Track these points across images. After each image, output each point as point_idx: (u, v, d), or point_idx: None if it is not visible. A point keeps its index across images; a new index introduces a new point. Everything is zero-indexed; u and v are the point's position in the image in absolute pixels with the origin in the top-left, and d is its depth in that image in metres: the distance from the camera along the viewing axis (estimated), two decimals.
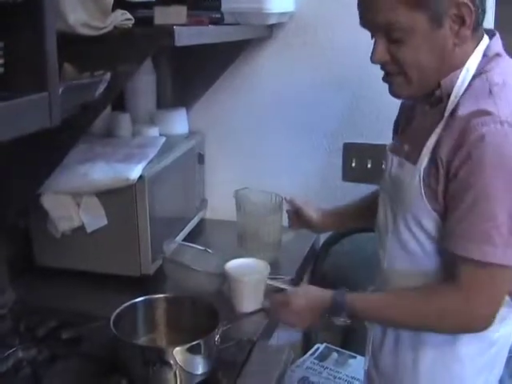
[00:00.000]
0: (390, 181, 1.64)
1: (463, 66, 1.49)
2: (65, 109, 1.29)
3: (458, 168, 1.40)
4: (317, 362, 2.53)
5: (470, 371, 1.59)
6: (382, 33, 1.47)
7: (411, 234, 1.55)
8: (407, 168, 1.55)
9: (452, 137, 1.42)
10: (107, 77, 1.54)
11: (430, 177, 1.47)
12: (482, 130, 1.37)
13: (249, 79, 2.62)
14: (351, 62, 2.41)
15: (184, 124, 2.58)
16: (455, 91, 1.48)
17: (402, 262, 1.61)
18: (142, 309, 1.75)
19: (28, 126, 1.15)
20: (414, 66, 1.47)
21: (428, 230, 1.52)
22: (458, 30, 1.44)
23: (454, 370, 1.60)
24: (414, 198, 1.51)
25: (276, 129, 2.62)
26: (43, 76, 1.16)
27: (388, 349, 1.69)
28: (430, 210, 1.49)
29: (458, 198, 1.41)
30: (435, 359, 1.60)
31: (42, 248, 2.17)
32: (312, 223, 2.07)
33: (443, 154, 1.43)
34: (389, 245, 1.63)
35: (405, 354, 1.65)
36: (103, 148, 2.18)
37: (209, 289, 1.95)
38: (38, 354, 1.72)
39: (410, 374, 1.64)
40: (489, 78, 1.46)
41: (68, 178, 1.99)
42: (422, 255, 1.55)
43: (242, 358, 1.71)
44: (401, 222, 1.58)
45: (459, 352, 1.57)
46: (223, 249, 2.24)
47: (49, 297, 2.03)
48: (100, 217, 2.04)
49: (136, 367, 1.56)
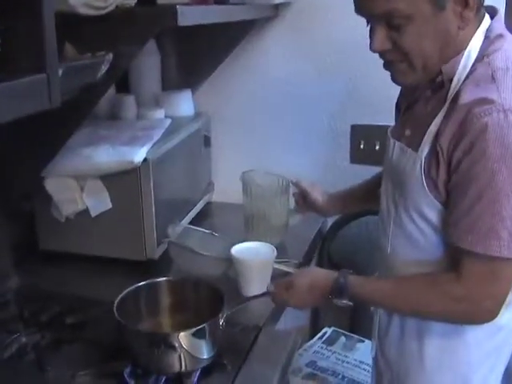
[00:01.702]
0: (392, 167, 1.61)
1: (465, 50, 1.44)
2: (65, 90, 1.26)
3: (460, 159, 1.36)
4: (325, 346, 2.52)
5: (477, 356, 1.57)
6: (382, 21, 1.41)
7: (412, 221, 1.53)
8: (408, 154, 1.52)
9: (453, 125, 1.38)
10: (109, 58, 1.52)
11: (431, 166, 1.44)
12: (485, 119, 1.32)
13: (255, 60, 2.59)
14: (359, 41, 2.36)
15: (190, 106, 2.55)
16: (457, 76, 1.44)
17: (404, 249, 1.59)
18: (146, 292, 1.73)
19: (27, 107, 1.13)
20: (418, 52, 1.42)
21: (429, 219, 1.49)
22: (462, 12, 1.39)
23: (460, 355, 1.58)
24: (415, 186, 1.48)
25: (282, 110, 2.59)
26: (42, 57, 1.13)
27: (393, 335, 1.67)
28: (431, 198, 1.46)
29: (462, 190, 1.38)
30: (441, 345, 1.58)
31: (46, 232, 2.16)
32: (318, 206, 2.06)
33: (443, 142, 1.39)
34: (391, 232, 1.61)
35: (410, 340, 1.63)
36: (108, 130, 2.16)
37: (215, 273, 1.94)
38: (41, 339, 1.73)
39: (416, 360, 1.62)
40: (491, 63, 1.41)
41: (72, 160, 1.97)
42: (424, 243, 1.53)
43: (247, 343, 1.70)
44: (402, 209, 1.55)
45: (465, 337, 1.55)
46: (230, 232, 2.23)
47: (53, 281, 2.03)
48: (104, 200, 2.02)
49: (141, 352, 1.55)
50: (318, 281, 1.62)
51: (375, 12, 1.40)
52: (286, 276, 1.99)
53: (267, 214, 2.22)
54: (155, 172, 2.00)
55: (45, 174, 1.98)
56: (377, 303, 1.64)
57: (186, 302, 1.74)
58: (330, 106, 2.54)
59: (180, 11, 1.54)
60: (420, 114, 1.55)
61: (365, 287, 1.57)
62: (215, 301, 1.63)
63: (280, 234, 2.24)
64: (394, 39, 1.42)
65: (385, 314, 1.70)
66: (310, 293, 1.61)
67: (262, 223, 2.22)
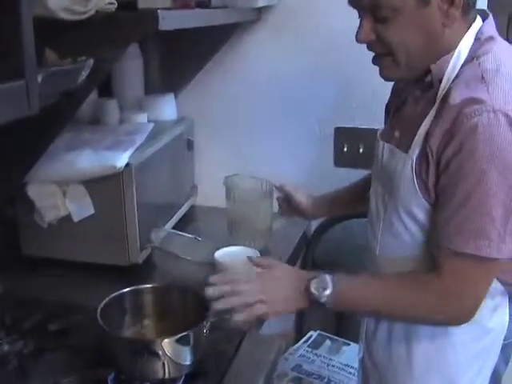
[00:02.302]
0: (382, 169, 1.61)
1: (454, 50, 1.44)
2: (45, 96, 1.25)
3: (449, 159, 1.36)
4: (310, 349, 2.52)
5: (464, 359, 1.58)
6: (369, 11, 1.43)
7: (402, 223, 1.52)
8: (398, 156, 1.52)
9: (443, 126, 1.38)
10: (90, 63, 1.50)
11: (421, 167, 1.44)
12: (475, 119, 1.32)
13: (238, 64, 2.59)
14: (342, 45, 2.37)
15: (172, 110, 2.54)
16: (446, 76, 1.44)
17: (393, 250, 1.58)
18: (130, 299, 1.71)
19: (5, 114, 1.11)
20: (401, 46, 1.43)
21: (420, 220, 1.49)
22: (447, 10, 1.39)
23: (447, 359, 1.58)
24: (405, 187, 1.48)
25: (266, 114, 2.59)
26: (20, 63, 1.12)
27: (381, 339, 1.67)
28: (422, 200, 1.45)
29: (451, 191, 1.38)
30: (428, 348, 1.58)
31: (29, 238, 2.14)
32: (302, 210, 2.06)
33: (433, 143, 1.39)
34: (380, 233, 1.61)
35: (398, 343, 1.63)
36: (90, 135, 2.15)
37: (198, 277, 1.92)
38: (24, 346, 1.70)
39: (403, 363, 1.62)
40: (481, 64, 1.41)
41: (54, 166, 1.95)
42: (414, 244, 1.52)
43: (231, 349, 1.69)
44: (392, 211, 1.55)
45: (452, 340, 1.55)
46: (214, 236, 2.22)
47: (36, 288, 2.01)
48: (87, 205, 2.01)
49: (124, 359, 1.54)
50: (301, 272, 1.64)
51: (363, 3, 1.42)
52: None
53: (251, 217, 2.21)
54: (138, 177, 1.99)
55: (27, 180, 1.97)
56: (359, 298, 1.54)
57: (170, 308, 1.73)
58: (314, 109, 2.54)
59: (161, 16, 1.53)
60: (409, 114, 1.55)
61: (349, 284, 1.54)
62: (200, 308, 1.61)
63: (264, 238, 2.24)
64: (379, 31, 1.43)
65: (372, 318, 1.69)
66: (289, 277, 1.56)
67: (245, 227, 2.22)
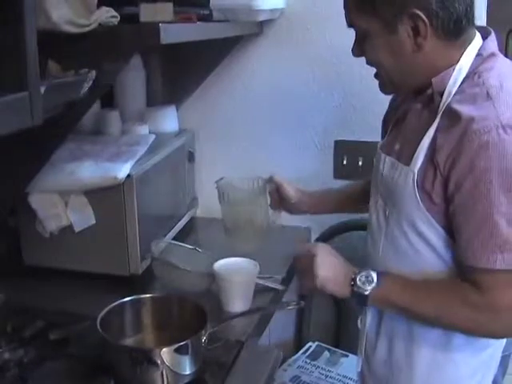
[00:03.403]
0: (382, 181, 1.61)
1: (455, 65, 1.46)
2: (48, 108, 1.27)
3: (461, 178, 1.37)
4: (309, 360, 2.53)
5: (465, 373, 1.58)
6: (355, 31, 1.52)
7: (405, 237, 1.53)
8: (400, 169, 1.52)
9: (450, 141, 1.38)
10: (92, 75, 1.53)
11: (425, 179, 1.44)
12: (484, 137, 1.33)
13: (239, 76, 2.61)
14: (342, 59, 2.40)
15: (174, 122, 2.55)
16: (447, 91, 1.45)
17: (395, 263, 1.58)
18: (130, 309, 1.73)
19: (9, 125, 1.13)
20: (378, 65, 1.52)
21: (423, 233, 1.49)
22: (415, 39, 1.43)
23: (448, 372, 1.58)
24: (407, 200, 1.49)
25: (267, 127, 2.61)
26: (23, 75, 1.13)
27: (381, 352, 1.67)
28: (424, 212, 1.46)
29: (468, 210, 1.38)
30: (430, 363, 1.58)
31: (31, 247, 2.15)
32: (290, 199, 2.07)
33: (440, 158, 1.40)
34: (382, 246, 1.61)
35: (399, 357, 1.63)
36: (92, 146, 2.16)
37: (198, 289, 1.94)
38: (24, 355, 1.70)
39: (404, 377, 1.62)
40: (485, 82, 1.42)
41: (55, 176, 1.97)
42: (417, 258, 1.53)
43: (229, 359, 1.69)
44: (394, 224, 1.55)
45: (453, 355, 1.56)
46: (214, 247, 2.22)
47: (37, 297, 2.02)
48: (88, 216, 2.02)
49: (123, 368, 1.55)
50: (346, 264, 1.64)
51: (347, 22, 1.52)
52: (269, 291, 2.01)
53: (248, 217, 2.20)
54: (139, 188, 2.01)
55: (29, 190, 1.98)
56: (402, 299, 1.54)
57: (169, 318, 1.74)
58: (315, 121, 2.56)
59: (163, 29, 1.55)
60: (410, 128, 1.56)
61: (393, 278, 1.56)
62: (198, 318, 1.63)
63: (263, 236, 2.22)
64: (363, 49, 1.52)
65: (372, 332, 1.69)
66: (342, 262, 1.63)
67: (243, 227, 2.21)
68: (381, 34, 1.44)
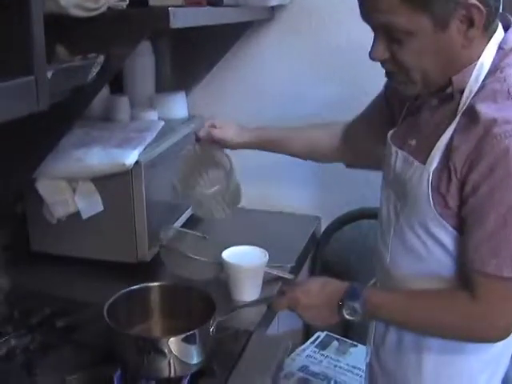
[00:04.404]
0: (395, 177, 1.56)
1: (476, 61, 1.39)
2: (56, 92, 1.26)
3: (478, 182, 1.31)
4: (317, 350, 2.51)
5: (476, 367, 1.55)
6: (382, 31, 1.37)
7: (415, 235, 1.49)
8: (414, 167, 1.47)
9: (468, 143, 1.33)
10: (100, 60, 1.51)
11: (440, 182, 1.39)
12: (506, 142, 1.27)
13: (250, 62, 2.59)
14: (356, 46, 2.35)
15: (183, 108, 2.54)
16: (468, 88, 1.39)
17: (405, 261, 1.55)
18: (137, 297, 1.72)
19: (15, 110, 1.12)
20: (417, 68, 1.38)
21: (434, 234, 1.45)
22: (466, 32, 1.34)
23: (458, 367, 1.55)
24: (420, 199, 1.44)
25: (277, 113, 2.58)
26: (29, 60, 1.12)
27: (391, 345, 1.64)
28: (436, 215, 1.41)
29: (482, 215, 1.33)
30: (440, 355, 1.55)
31: (38, 234, 2.14)
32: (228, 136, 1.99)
33: (457, 160, 1.35)
34: (391, 242, 1.57)
35: (408, 350, 1.60)
36: (100, 132, 2.14)
37: (206, 277, 1.92)
38: (31, 342, 1.71)
39: (414, 370, 1.59)
40: (507, 78, 1.36)
41: (63, 162, 1.95)
42: (427, 256, 1.48)
43: (238, 349, 1.68)
44: (404, 221, 1.51)
45: (464, 348, 1.52)
46: (223, 235, 2.21)
47: (44, 283, 2.01)
48: (96, 203, 2.01)
49: (130, 357, 1.54)
50: (331, 283, 1.58)
51: (375, 23, 1.38)
52: (278, 280, 2.00)
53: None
54: (147, 174, 1.99)
55: (36, 176, 1.97)
56: (390, 314, 1.53)
57: (177, 307, 1.72)
58: (326, 108, 2.53)
59: (172, 13, 1.53)
60: (425, 123, 1.50)
61: (379, 294, 1.54)
62: (207, 307, 1.62)
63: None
64: (394, 51, 1.38)
65: (381, 323, 1.67)
66: (321, 293, 1.55)
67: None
68: (428, 33, 1.33)
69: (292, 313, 1.58)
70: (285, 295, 1.60)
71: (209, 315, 1.58)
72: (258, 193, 2.65)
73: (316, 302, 1.55)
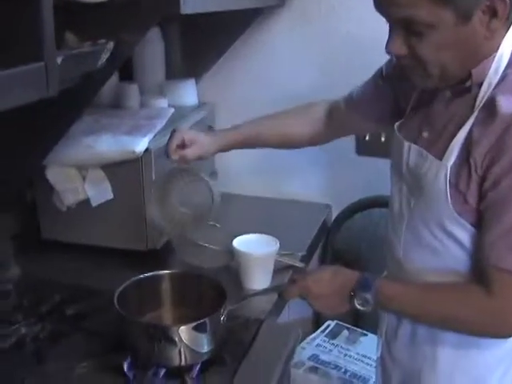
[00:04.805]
0: (408, 171, 1.53)
1: (495, 52, 1.35)
2: (65, 78, 1.25)
3: (500, 176, 1.29)
4: (327, 339, 2.51)
5: (491, 359, 1.53)
6: (401, 25, 1.33)
7: (431, 233, 1.46)
8: (430, 161, 1.43)
9: (489, 137, 1.30)
10: (110, 46, 1.49)
11: (459, 178, 1.36)
12: None
13: (260, 49, 2.56)
14: (369, 33, 2.33)
15: (193, 95, 2.53)
16: (487, 81, 1.35)
17: (418, 255, 1.53)
18: (148, 285, 1.71)
19: (25, 96, 1.12)
20: (435, 62, 1.34)
21: (451, 232, 1.42)
22: (489, 23, 1.30)
23: (474, 359, 1.53)
24: (436, 198, 1.41)
25: (287, 101, 2.55)
26: (39, 45, 1.12)
27: (404, 338, 1.63)
28: (454, 213, 1.39)
29: (502, 210, 1.31)
30: (455, 348, 1.53)
31: (48, 221, 2.14)
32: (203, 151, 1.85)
33: (478, 155, 1.32)
34: (404, 237, 1.55)
35: (422, 343, 1.58)
36: (110, 119, 2.14)
37: (216, 265, 1.92)
38: (41, 330, 1.71)
39: (428, 363, 1.58)
40: None
41: (73, 150, 1.95)
42: (443, 252, 1.46)
43: (248, 337, 1.67)
44: (419, 219, 1.49)
45: (479, 342, 1.50)
46: (233, 223, 2.21)
47: (54, 271, 2.01)
48: (105, 190, 2.00)
49: (140, 345, 1.53)
50: (343, 272, 1.55)
51: (395, 16, 1.33)
52: (288, 269, 1.98)
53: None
54: (157, 162, 1.98)
55: (46, 163, 1.97)
56: (402, 306, 1.50)
57: (187, 295, 1.72)
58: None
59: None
60: (439, 116, 1.46)
61: (392, 286, 1.50)
62: (218, 295, 1.61)
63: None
64: (412, 45, 1.34)
65: (393, 316, 1.65)
66: (332, 282, 1.53)
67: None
68: (450, 26, 1.28)
69: (302, 301, 1.57)
70: (296, 284, 1.59)
71: (219, 303, 1.57)
72: (268, 181, 2.65)
73: (327, 291, 1.53)
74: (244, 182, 2.52)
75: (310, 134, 1.93)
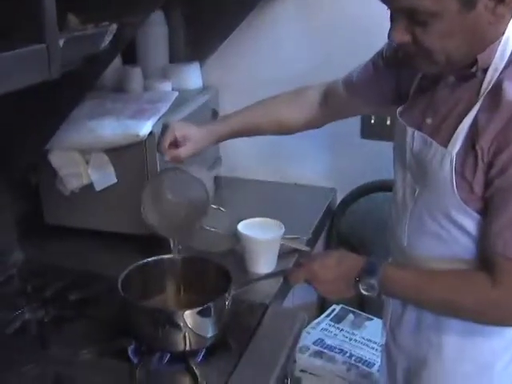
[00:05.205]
0: (412, 158, 1.51)
1: (501, 37, 1.33)
2: (67, 61, 1.23)
3: (506, 163, 1.27)
4: (332, 323, 2.51)
5: (498, 345, 1.52)
6: (404, 14, 1.31)
7: (436, 222, 1.45)
8: (435, 149, 1.41)
9: (496, 123, 1.28)
10: (113, 28, 1.47)
11: (465, 166, 1.34)
12: None
13: (265, 32, 2.54)
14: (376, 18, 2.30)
15: (197, 78, 2.51)
16: (493, 66, 1.33)
17: (423, 243, 1.51)
18: (152, 269, 1.70)
19: (26, 78, 1.11)
20: (440, 50, 1.32)
21: (457, 221, 1.41)
22: (495, 8, 1.27)
23: (481, 345, 1.52)
24: (441, 185, 1.40)
25: (293, 84, 2.54)
26: (41, 27, 1.10)
27: (408, 324, 1.62)
28: (460, 202, 1.37)
29: (509, 197, 1.29)
30: (462, 334, 1.52)
31: (52, 206, 2.14)
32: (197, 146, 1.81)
33: (484, 142, 1.30)
34: (408, 225, 1.54)
35: (428, 330, 1.58)
36: (113, 103, 2.12)
37: (221, 249, 1.92)
38: (45, 315, 1.70)
39: (434, 350, 1.57)
40: None
41: (76, 134, 1.93)
42: (448, 240, 1.45)
43: (254, 322, 1.67)
44: (424, 208, 1.48)
45: (485, 328, 1.49)
46: (238, 207, 2.20)
47: (58, 256, 2.01)
48: (109, 174, 1.99)
49: (144, 330, 1.53)
50: (349, 257, 1.55)
51: (398, 5, 1.31)
52: (293, 253, 1.97)
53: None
54: None
55: (49, 148, 1.96)
56: (406, 291, 1.49)
57: (192, 279, 1.71)
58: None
59: None
60: (443, 102, 1.44)
61: (397, 271, 1.48)
62: (222, 280, 1.60)
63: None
64: (416, 33, 1.32)
65: (398, 303, 1.65)
66: (338, 267, 1.51)
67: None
68: (454, 14, 1.26)
69: (307, 286, 1.56)
70: (301, 268, 1.58)
71: (224, 288, 1.56)
72: (273, 165, 2.63)
73: (333, 276, 1.52)
74: (249, 167, 2.51)
75: (305, 119, 1.90)
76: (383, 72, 1.71)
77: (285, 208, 2.28)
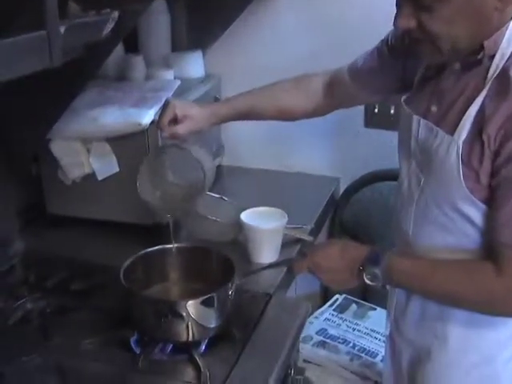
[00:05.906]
0: (418, 147, 1.49)
1: (508, 23, 1.31)
2: (69, 49, 1.22)
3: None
4: (336, 313, 2.50)
5: (504, 335, 1.51)
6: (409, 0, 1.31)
7: (442, 212, 1.43)
8: (440, 137, 1.40)
9: (503, 111, 1.27)
10: (114, 16, 1.46)
11: (471, 155, 1.33)
12: None
13: (267, 20, 2.53)
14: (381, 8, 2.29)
15: (200, 67, 2.49)
16: (500, 52, 1.32)
17: (429, 233, 1.50)
18: (154, 259, 1.70)
19: (27, 66, 1.10)
20: (446, 36, 1.31)
21: (464, 211, 1.39)
22: None
23: (487, 336, 1.51)
24: (447, 174, 1.38)
25: (295, 72, 2.52)
26: (42, 14, 1.09)
27: (413, 314, 1.61)
28: (466, 192, 1.35)
29: None
30: (466, 325, 1.51)
31: (54, 196, 2.13)
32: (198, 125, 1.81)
33: (491, 130, 1.28)
34: (413, 215, 1.52)
35: (432, 320, 1.56)
36: (115, 92, 2.11)
37: (224, 238, 1.91)
38: (46, 305, 1.70)
39: (439, 340, 1.56)
40: None
41: (77, 123, 1.92)
42: (454, 230, 1.43)
43: (257, 312, 1.66)
44: (430, 198, 1.46)
45: (490, 318, 1.46)
46: (241, 196, 2.19)
47: (59, 246, 2.00)
48: (111, 163, 1.98)
49: (147, 320, 1.52)
50: (352, 246, 1.54)
51: None
52: (297, 242, 1.96)
53: None
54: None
55: (51, 137, 1.95)
56: (410, 281, 1.48)
57: (195, 269, 1.70)
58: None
59: None
60: (448, 89, 1.42)
61: (401, 261, 1.47)
62: (225, 269, 1.59)
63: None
64: (421, 19, 1.30)
65: (402, 293, 1.63)
66: (342, 257, 1.50)
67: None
68: None
69: (310, 275, 1.55)
70: (305, 258, 1.57)
71: (227, 278, 1.55)
72: (276, 154, 2.62)
73: (336, 265, 1.51)
74: (252, 155, 2.49)
75: (307, 107, 1.88)
76: (388, 60, 1.69)
77: (288, 197, 2.28)
